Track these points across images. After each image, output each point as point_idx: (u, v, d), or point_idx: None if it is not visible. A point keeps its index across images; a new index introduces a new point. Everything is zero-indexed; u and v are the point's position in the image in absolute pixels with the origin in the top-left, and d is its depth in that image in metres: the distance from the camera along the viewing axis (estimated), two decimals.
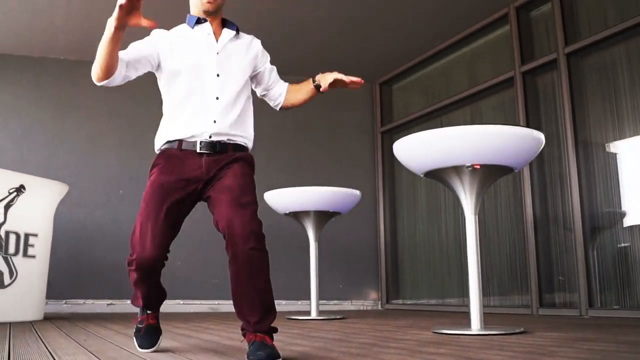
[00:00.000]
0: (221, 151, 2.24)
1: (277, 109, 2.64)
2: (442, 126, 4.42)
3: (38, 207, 4.45)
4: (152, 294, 2.37)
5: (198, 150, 2.22)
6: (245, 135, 2.34)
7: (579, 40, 4.80)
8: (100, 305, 6.04)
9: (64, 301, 5.94)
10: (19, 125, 6.19)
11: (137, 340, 2.39)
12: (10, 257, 4.23)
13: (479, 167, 3.13)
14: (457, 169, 3.17)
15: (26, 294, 4.33)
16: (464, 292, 5.64)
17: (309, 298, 5.00)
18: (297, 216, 5.06)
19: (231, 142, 2.27)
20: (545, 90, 5.21)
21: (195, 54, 2.30)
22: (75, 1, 5.23)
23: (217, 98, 2.26)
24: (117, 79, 2.19)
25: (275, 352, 1.97)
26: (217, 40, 2.33)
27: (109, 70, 2.13)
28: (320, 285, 5.07)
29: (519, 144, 3.19)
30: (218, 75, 2.28)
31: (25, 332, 3.29)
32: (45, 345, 2.59)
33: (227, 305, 6.32)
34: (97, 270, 6.06)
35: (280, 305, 6.43)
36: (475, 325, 3.10)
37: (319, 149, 7.08)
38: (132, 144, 6.42)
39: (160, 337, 2.43)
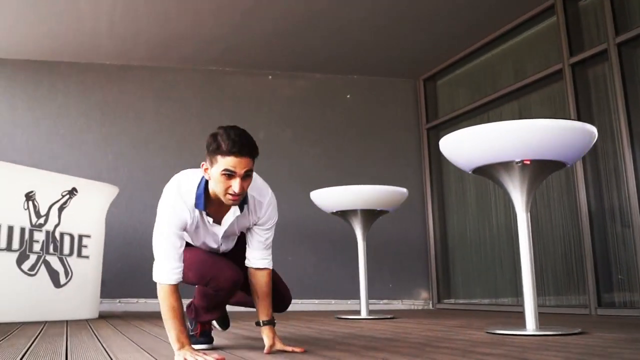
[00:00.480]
0: None
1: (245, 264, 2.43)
2: (488, 121, 4.31)
3: (90, 209, 4.55)
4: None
5: None
6: None
7: (630, 30, 4.64)
8: (152, 304, 6.14)
9: (117, 300, 6.07)
10: (69, 131, 6.34)
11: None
12: (65, 258, 4.34)
13: (529, 162, 3.05)
14: (506, 165, 3.10)
15: (81, 292, 4.43)
16: (518, 291, 5.52)
17: (358, 297, 4.97)
18: (344, 215, 5.04)
19: None
20: (596, 82, 5.06)
21: (204, 239, 2.38)
22: (119, 7, 5.32)
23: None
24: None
25: None
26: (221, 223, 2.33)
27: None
28: (369, 285, 5.05)
29: (570, 138, 3.09)
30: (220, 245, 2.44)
31: (82, 330, 3.37)
32: (101, 343, 2.65)
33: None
34: (149, 270, 6.15)
35: (330, 305, 6.44)
36: (530, 325, 3.03)
37: (364, 147, 7.03)
38: (177, 147, 6.53)
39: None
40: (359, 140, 7.07)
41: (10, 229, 3.95)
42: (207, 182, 2.21)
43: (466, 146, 3.26)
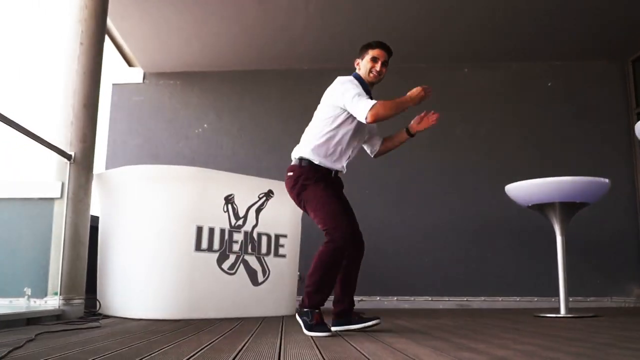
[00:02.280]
0: None
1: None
2: None
3: (286, 209, 4.72)
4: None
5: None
6: None
7: None
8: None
9: None
10: (270, 136, 6.69)
11: (320, 329, 2.87)
12: (263, 257, 4.56)
13: None
14: None
15: (278, 290, 4.62)
16: None
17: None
18: (541, 209, 4.70)
19: None
20: None
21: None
22: (312, 13, 5.49)
23: None
24: None
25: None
26: None
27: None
28: (574, 281, 4.69)
29: None
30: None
31: (294, 326, 3.51)
32: (313, 341, 2.68)
33: (477, 302, 6.12)
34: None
35: (532, 302, 6.11)
36: None
37: (566, 136, 6.54)
38: None
39: None
40: (560, 129, 6.59)
41: (212, 231, 4.24)
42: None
43: None
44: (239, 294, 4.35)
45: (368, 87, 3.25)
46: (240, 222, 4.45)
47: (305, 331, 2.94)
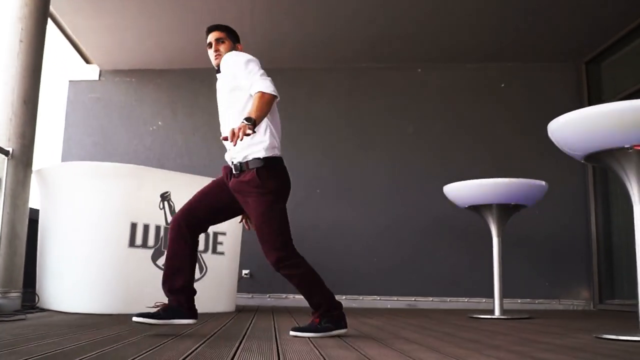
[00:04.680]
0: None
1: None
2: None
3: None
4: None
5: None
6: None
7: None
8: (300, 299, 6.33)
9: (267, 295, 6.36)
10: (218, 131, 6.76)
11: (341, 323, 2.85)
12: (200, 254, 4.64)
13: None
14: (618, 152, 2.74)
15: (216, 287, 4.70)
16: None
17: (511, 296, 4.76)
18: (478, 210, 4.82)
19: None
20: None
21: None
22: (260, 10, 5.57)
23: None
24: None
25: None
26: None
27: None
28: (524, 283, 4.78)
29: None
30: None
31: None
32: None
33: (426, 302, 6.24)
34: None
35: (480, 303, 6.21)
36: None
37: (519, 137, 6.63)
38: (328, 144, 6.67)
39: None
40: (512, 131, 6.69)
41: (146, 227, 4.32)
42: None
43: (575, 131, 2.93)
44: None
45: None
46: None
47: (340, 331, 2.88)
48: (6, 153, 4.17)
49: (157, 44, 6.31)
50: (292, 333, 2.84)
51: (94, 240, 4.20)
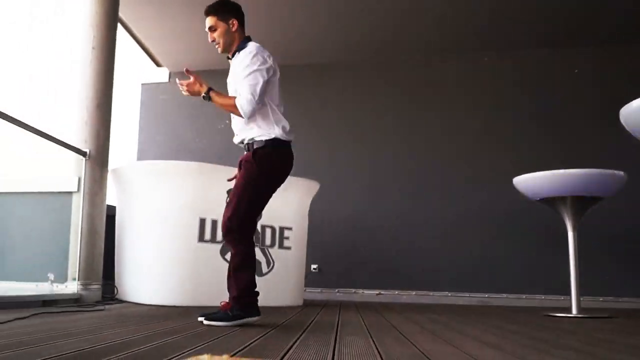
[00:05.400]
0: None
1: None
2: None
3: (291, 203, 4.90)
4: None
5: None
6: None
7: None
8: (369, 295, 6.38)
9: (336, 290, 6.43)
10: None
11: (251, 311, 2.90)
12: (267, 249, 4.76)
13: None
14: None
15: (283, 281, 4.81)
16: None
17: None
18: (551, 202, 4.64)
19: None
20: None
21: None
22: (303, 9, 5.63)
23: None
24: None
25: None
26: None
27: None
28: (596, 280, 4.50)
29: None
30: None
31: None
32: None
33: (500, 299, 6.13)
34: (365, 262, 6.45)
35: (559, 301, 5.98)
36: None
37: (589, 124, 6.39)
38: (392, 142, 6.67)
39: None
40: (588, 118, 6.42)
41: (214, 223, 4.47)
42: None
43: None
44: None
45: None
46: None
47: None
48: (84, 154, 4.41)
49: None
50: (204, 321, 2.88)
51: (166, 235, 4.39)
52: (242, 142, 3.12)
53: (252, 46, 3.04)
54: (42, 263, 4.52)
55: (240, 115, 2.94)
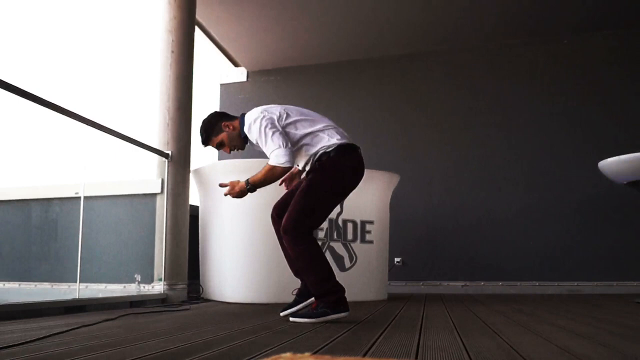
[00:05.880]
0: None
1: None
2: None
3: (371, 196, 4.83)
4: None
5: None
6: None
7: None
8: (454, 287, 6.24)
9: (421, 283, 6.32)
10: (368, 125, 6.82)
11: (339, 308, 2.85)
12: (349, 243, 4.71)
13: None
14: None
15: (366, 275, 4.75)
16: None
17: None
18: (638, 186, 4.42)
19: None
20: None
21: None
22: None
23: None
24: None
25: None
26: None
27: None
28: None
29: None
30: None
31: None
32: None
33: (590, 287, 5.89)
34: (448, 253, 6.31)
35: (631, 286, 5.75)
36: None
37: None
38: (458, 130, 6.50)
39: None
40: None
41: None
42: None
43: None
44: None
45: None
46: None
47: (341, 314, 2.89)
48: (166, 156, 4.51)
49: (295, 43, 6.51)
50: (289, 317, 2.91)
51: (248, 233, 4.42)
52: (304, 168, 3.15)
53: (248, 118, 3.05)
54: (129, 265, 4.66)
55: (285, 170, 2.91)
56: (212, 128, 3.15)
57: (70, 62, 5.84)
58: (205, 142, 3.18)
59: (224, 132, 3.13)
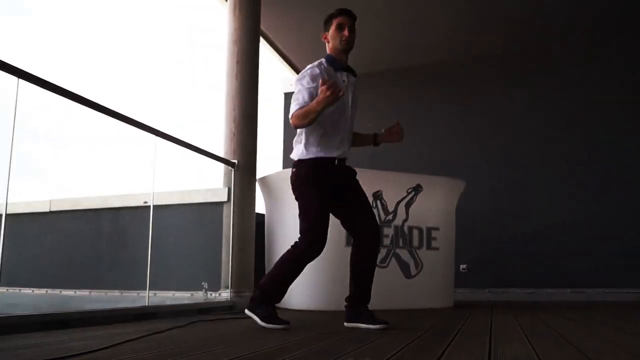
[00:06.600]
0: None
1: None
2: None
3: (437, 203, 4.78)
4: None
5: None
6: None
7: None
8: (521, 294, 6.09)
9: (487, 290, 6.20)
10: (430, 131, 6.77)
11: (277, 322, 2.97)
12: (415, 250, 4.67)
13: None
14: None
15: (432, 282, 4.70)
16: None
17: None
18: None
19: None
20: None
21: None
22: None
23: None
24: None
25: None
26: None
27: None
28: None
29: None
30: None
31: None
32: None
33: None
34: (515, 260, 6.17)
35: None
36: None
37: None
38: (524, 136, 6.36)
39: None
40: None
41: None
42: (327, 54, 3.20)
43: None
44: (392, 286, 4.49)
45: (337, 64, 3.22)
46: (390, 216, 4.60)
47: (261, 323, 2.95)
48: (232, 165, 4.60)
49: (357, 49, 6.50)
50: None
51: None
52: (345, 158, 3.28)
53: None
54: (196, 272, 4.76)
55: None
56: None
57: (139, 75, 6.04)
58: (355, 16, 3.26)
59: None
